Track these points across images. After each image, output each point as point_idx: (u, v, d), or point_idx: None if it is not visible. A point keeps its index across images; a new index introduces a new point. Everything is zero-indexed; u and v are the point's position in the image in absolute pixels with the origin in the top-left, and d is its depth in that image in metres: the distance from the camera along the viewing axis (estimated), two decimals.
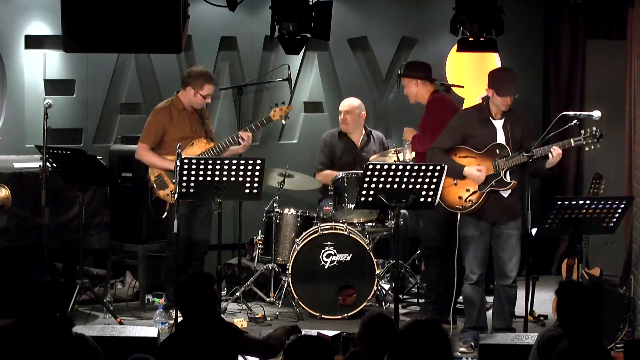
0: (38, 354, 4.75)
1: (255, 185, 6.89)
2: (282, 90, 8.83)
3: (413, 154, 7.84)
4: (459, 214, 6.99)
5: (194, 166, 6.76)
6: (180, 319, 6.62)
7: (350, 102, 8.53)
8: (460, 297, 7.37)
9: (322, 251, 7.86)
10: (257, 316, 7.83)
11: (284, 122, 8.12)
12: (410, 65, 7.89)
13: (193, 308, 5.03)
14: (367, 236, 7.99)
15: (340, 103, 8.61)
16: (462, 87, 8.59)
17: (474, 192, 6.91)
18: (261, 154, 8.38)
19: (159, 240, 8.05)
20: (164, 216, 7.58)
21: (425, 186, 6.52)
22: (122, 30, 5.66)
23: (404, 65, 8.07)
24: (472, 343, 7.00)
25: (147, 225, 8.06)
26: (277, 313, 7.89)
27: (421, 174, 6.48)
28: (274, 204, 8.23)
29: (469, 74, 9.11)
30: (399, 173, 6.47)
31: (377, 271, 7.83)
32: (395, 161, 7.76)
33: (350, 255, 7.87)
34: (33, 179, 7.48)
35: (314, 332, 6.01)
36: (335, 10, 6.68)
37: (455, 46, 7.41)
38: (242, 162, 6.86)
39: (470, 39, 6.81)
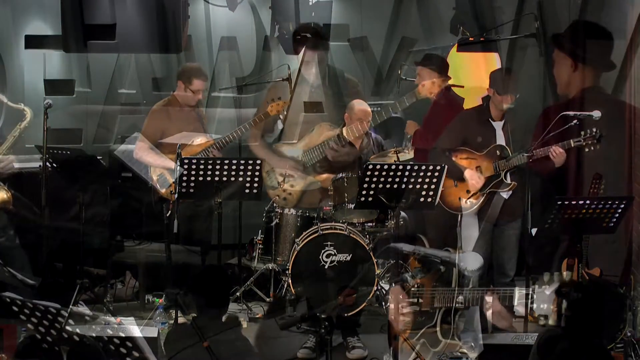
0: None
1: (255, 185, 6.89)
2: (282, 90, 8.81)
3: (412, 154, 7.83)
4: (460, 215, 6.99)
5: (193, 166, 6.76)
6: (180, 319, 6.65)
7: (367, 109, 8.11)
8: (460, 297, 7.36)
9: (322, 251, 7.85)
10: (257, 316, 7.83)
11: (281, 117, 8.12)
12: (428, 56, 7.81)
13: (209, 296, 5.04)
14: (367, 236, 7.98)
15: (355, 107, 8.15)
16: (462, 87, 8.58)
17: (474, 194, 6.91)
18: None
19: (159, 240, 8.05)
20: (168, 214, 7.58)
21: (425, 186, 6.51)
22: (122, 30, 5.67)
23: (404, 65, 8.03)
24: (472, 343, 6.99)
25: (147, 226, 8.06)
26: None
27: (421, 174, 6.47)
28: (274, 204, 8.23)
29: (469, 74, 9.10)
30: (399, 173, 6.46)
31: (377, 271, 7.83)
32: (395, 161, 7.75)
33: (350, 255, 7.86)
34: (33, 179, 7.48)
35: None
36: (335, 10, 6.68)
37: (455, 46, 7.41)
38: (242, 162, 6.86)
39: (470, 39, 6.82)
